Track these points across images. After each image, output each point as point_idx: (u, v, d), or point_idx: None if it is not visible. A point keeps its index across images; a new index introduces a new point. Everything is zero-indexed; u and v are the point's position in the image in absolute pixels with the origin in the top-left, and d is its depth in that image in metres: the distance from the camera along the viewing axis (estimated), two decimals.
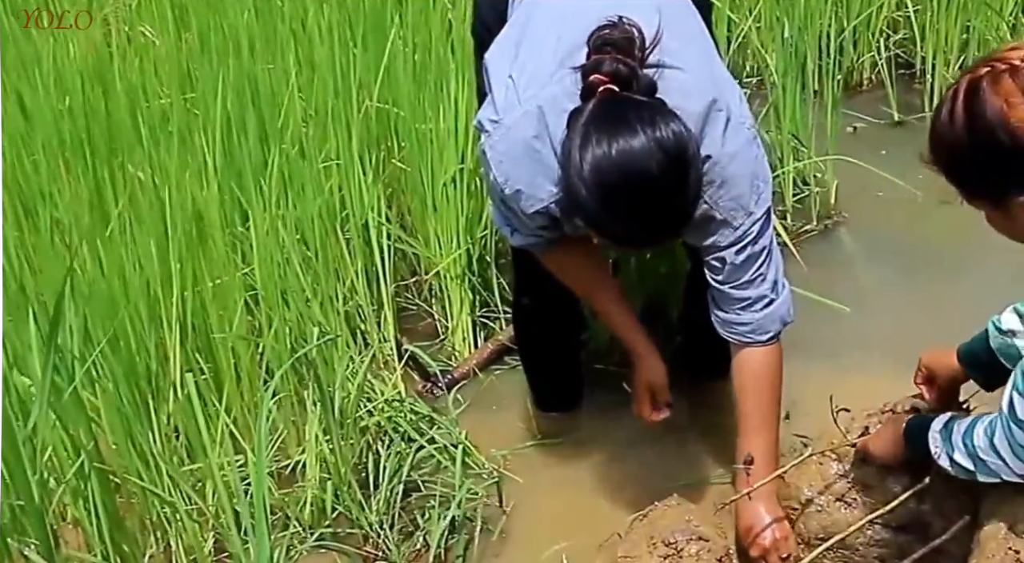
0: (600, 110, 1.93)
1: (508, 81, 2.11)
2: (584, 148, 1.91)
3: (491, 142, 2.12)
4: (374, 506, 2.46)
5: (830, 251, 3.26)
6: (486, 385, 2.85)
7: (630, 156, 1.89)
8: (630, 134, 1.89)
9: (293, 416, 2.57)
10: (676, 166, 1.91)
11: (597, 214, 1.94)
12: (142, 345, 2.43)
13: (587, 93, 1.97)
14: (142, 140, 2.88)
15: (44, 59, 3.28)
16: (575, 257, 2.35)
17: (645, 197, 1.92)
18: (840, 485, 2.24)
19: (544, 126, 2.05)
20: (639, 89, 1.96)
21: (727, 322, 2.28)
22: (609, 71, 1.95)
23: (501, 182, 2.12)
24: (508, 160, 2.10)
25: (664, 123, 1.91)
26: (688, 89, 2.04)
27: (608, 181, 1.90)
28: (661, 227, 1.99)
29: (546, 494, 2.55)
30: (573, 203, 1.97)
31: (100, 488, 2.16)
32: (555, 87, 2.05)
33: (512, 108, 2.09)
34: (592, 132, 1.91)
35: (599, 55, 1.97)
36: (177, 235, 2.53)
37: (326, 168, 2.89)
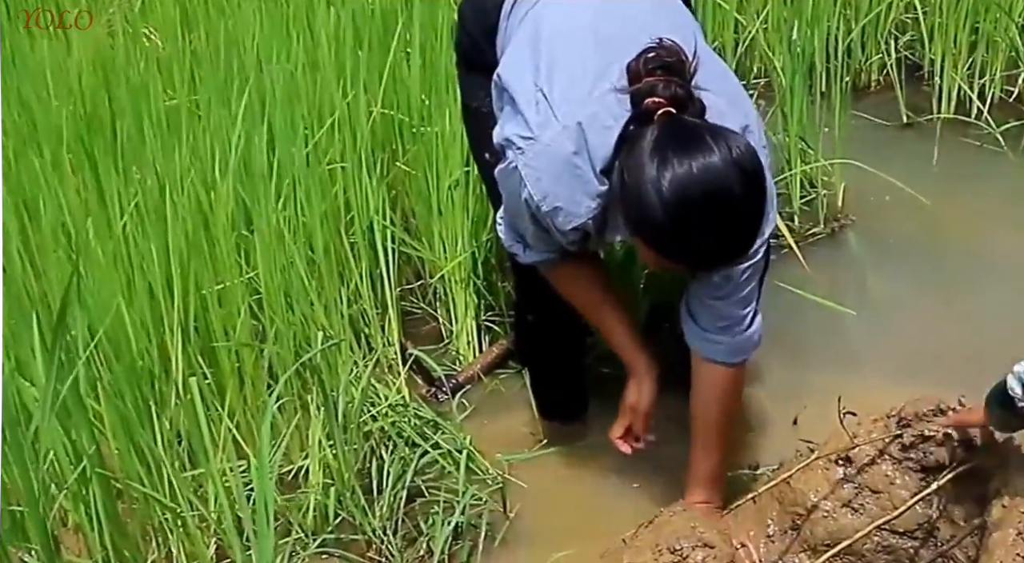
0: (669, 132, 1.94)
1: (538, 96, 2.09)
2: (663, 167, 1.90)
3: (526, 159, 2.10)
4: (377, 512, 2.45)
5: (837, 254, 3.25)
6: (490, 389, 2.84)
7: (714, 174, 1.89)
8: (709, 153, 1.90)
9: (296, 421, 2.56)
10: (755, 184, 1.94)
11: (671, 233, 1.94)
12: (144, 349, 2.42)
13: (644, 117, 1.97)
14: (147, 142, 2.87)
15: (49, 61, 3.27)
16: (582, 273, 2.36)
17: (724, 214, 1.92)
18: (846, 490, 2.23)
19: (584, 143, 2.04)
20: (694, 112, 1.98)
21: (707, 340, 2.29)
22: (668, 95, 1.96)
23: (538, 199, 2.10)
24: (548, 177, 2.08)
25: (736, 143, 1.93)
26: (723, 112, 2.04)
27: (691, 200, 1.89)
28: (735, 246, 1.99)
29: (551, 500, 2.54)
30: (642, 224, 1.96)
31: (102, 493, 2.15)
32: (595, 105, 2.04)
33: (549, 124, 2.07)
34: (669, 152, 1.91)
35: (651, 78, 1.98)
36: (181, 238, 2.52)
37: (331, 171, 2.87)
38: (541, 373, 2.74)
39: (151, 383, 2.42)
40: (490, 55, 2.36)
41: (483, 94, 2.41)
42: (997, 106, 3.81)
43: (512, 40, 2.27)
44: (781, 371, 2.79)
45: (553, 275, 2.36)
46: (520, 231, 2.27)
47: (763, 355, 2.64)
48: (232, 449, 2.42)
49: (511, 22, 2.31)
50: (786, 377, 2.79)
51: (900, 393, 2.26)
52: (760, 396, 2.73)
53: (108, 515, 2.17)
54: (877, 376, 2.71)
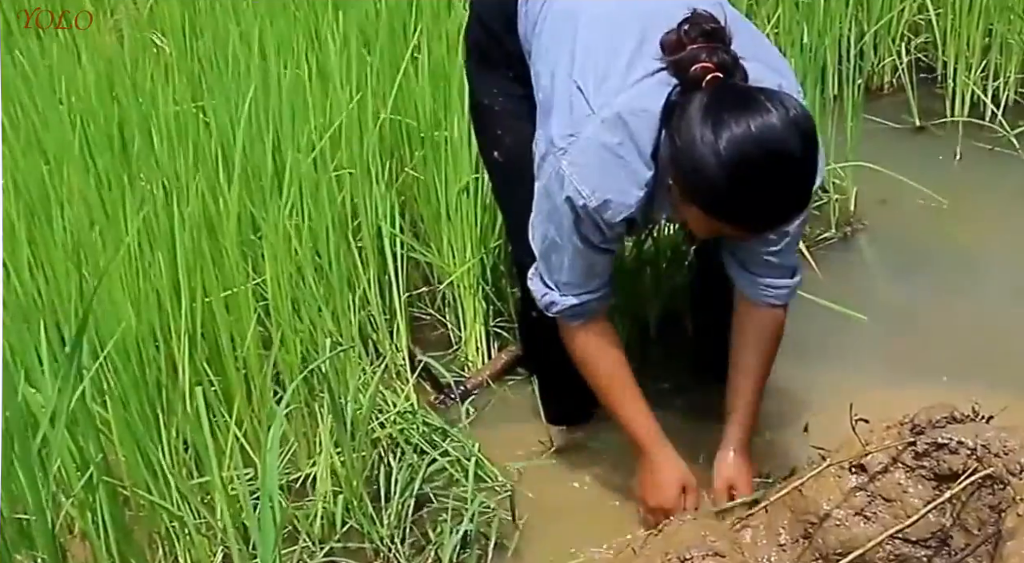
0: (721, 95, 1.94)
1: (574, 90, 2.10)
2: (719, 127, 1.90)
3: (570, 157, 2.10)
4: (385, 520, 2.43)
5: (849, 259, 3.23)
6: (499, 396, 2.83)
7: (772, 131, 1.89)
8: (766, 112, 1.90)
9: (304, 428, 2.54)
10: (810, 142, 1.95)
11: (730, 195, 1.93)
12: (152, 357, 2.41)
13: (691, 83, 1.97)
14: (154, 148, 2.86)
15: (56, 66, 3.27)
16: (612, 340, 2.35)
17: (783, 172, 1.93)
18: (859, 498, 2.21)
19: (627, 132, 2.05)
20: (741, 77, 1.99)
21: (763, 286, 2.32)
22: (715, 61, 1.96)
23: (587, 195, 2.09)
24: (594, 171, 2.09)
25: (791, 103, 1.94)
26: (756, 78, 2.03)
27: (751, 159, 1.89)
28: (794, 204, 2.00)
29: (560, 508, 2.52)
30: (699, 188, 1.95)
31: (108, 501, 2.14)
32: (633, 92, 2.05)
33: (587, 119, 2.08)
34: (724, 114, 1.91)
35: (695, 46, 1.98)
36: (188, 245, 2.51)
37: (339, 177, 2.86)
38: (546, 372, 2.72)
39: (158, 391, 2.41)
40: (509, 45, 2.36)
41: (495, 91, 2.42)
42: (1011, 109, 3.80)
43: (541, 28, 2.25)
44: (792, 377, 2.77)
45: (582, 337, 2.33)
46: (555, 261, 2.24)
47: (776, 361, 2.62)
48: (239, 457, 2.41)
49: (530, 5, 2.29)
50: (797, 383, 2.77)
51: (913, 400, 2.24)
52: (771, 402, 2.69)
53: (115, 523, 2.16)
54: (890, 382, 2.69)
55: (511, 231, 2.53)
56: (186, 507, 2.29)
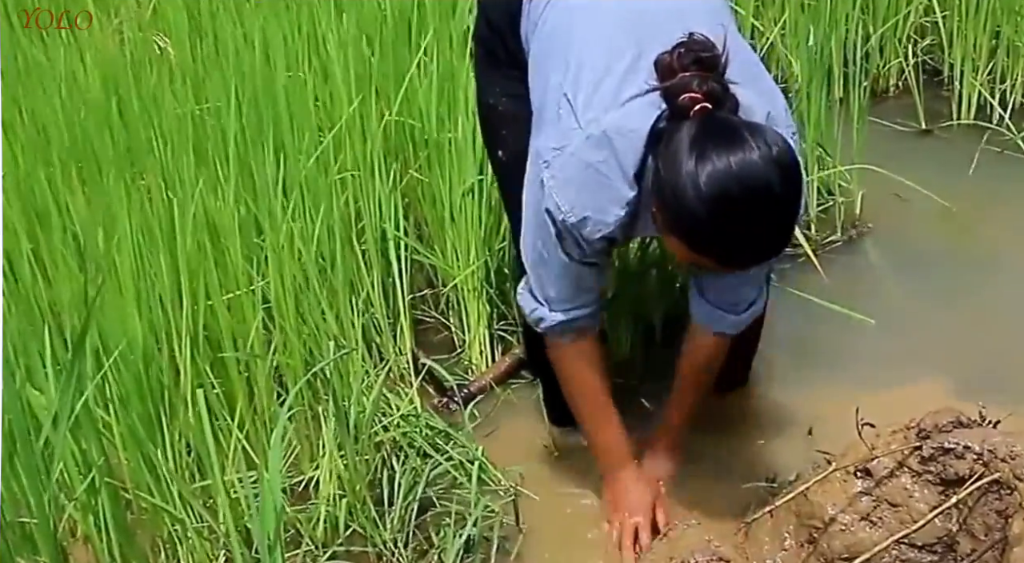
0: (707, 127, 1.93)
1: (563, 102, 2.09)
2: (701, 163, 1.89)
3: (552, 171, 2.10)
4: (388, 524, 2.42)
5: (854, 262, 3.21)
6: (503, 399, 2.81)
7: (753, 170, 1.89)
8: (748, 149, 1.89)
9: (307, 431, 2.54)
10: (792, 181, 1.94)
11: (707, 230, 1.93)
12: (154, 359, 2.41)
13: (679, 112, 1.96)
14: (156, 151, 2.86)
15: (59, 68, 3.26)
16: (597, 359, 2.36)
17: (762, 211, 1.92)
18: (864, 503, 2.20)
19: (611, 151, 2.03)
20: (729, 108, 1.97)
21: (715, 316, 2.33)
22: (705, 90, 1.95)
23: (565, 210, 2.09)
24: (574, 187, 2.08)
25: (775, 140, 1.93)
26: (750, 103, 2.03)
27: (729, 196, 1.89)
28: (771, 244, 1.99)
29: (564, 513, 2.51)
30: (678, 219, 1.96)
31: (111, 504, 2.14)
32: (622, 111, 2.04)
33: (573, 133, 2.07)
34: (706, 147, 1.90)
35: (686, 73, 1.96)
36: (191, 247, 2.50)
37: (342, 179, 2.85)
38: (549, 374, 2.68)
39: (161, 393, 2.40)
40: (512, 44, 2.35)
41: (500, 91, 2.41)
42: (1018, 111, 3.78)
43: (540, 31, 2.24)
44: (797, 380, 2.76)
45: (568, 355, 2.35)
46: (543, 275, 2.24)
47: (779, 364, 2.62)
48: (242, 460, 2.40)
49: (533, 6, 2.28)
50: (802, 387, 2.75)
51: (920, 404, 2.23)
52: (776, 406, 2.70)
53: (117, 526, 2.16)
54: (896, 386, 2.67)
55: (515, 232, 2.52)
56: (188, 510, 2.28)
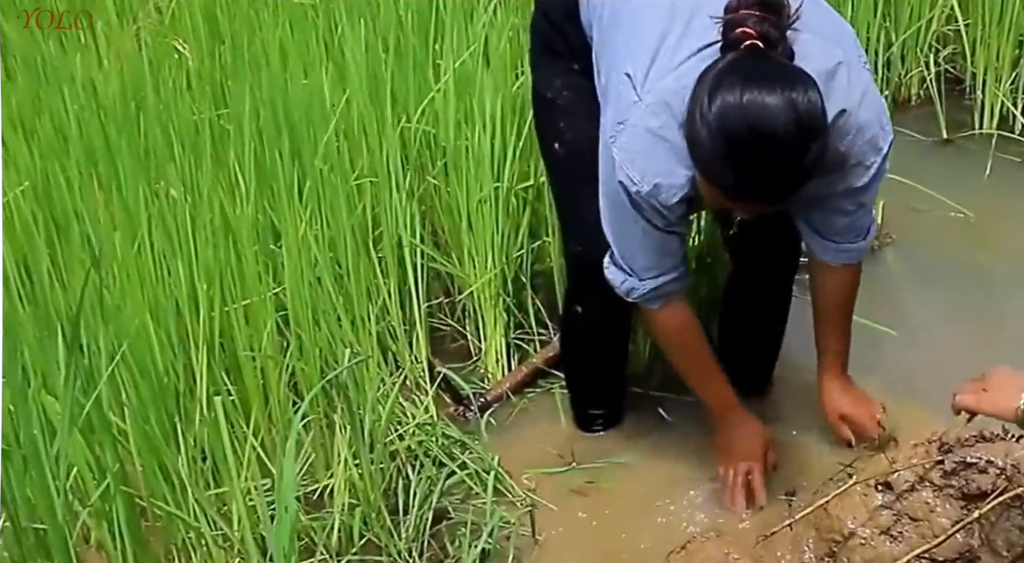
0: (742, 61, 1.96)
1: (624, 80, 2.12)
2: (715, 92, 1.93)
3: (620, 144, 2.13)
4: (403, 533, 2.41)
5: (876, 273, 3.17)
6: (519, 408, 2.79)
7: (760, 109, 1.91)
8: (767, 89, 1.91)
9: (322, 439, 2.52)
10: (803, 132, 1.93)
11: (713, 159, 1.96)
12: (170, 365, 2.40)
13: (729, 44, 1.98)
14: (174, 156, 2.85)
15: (78, 74, 3.26)
16: (685, 315, 2.39)
17: (764, 152, 1.93)
18: (885, 517, 2.18)
19: (669, 114, 2.06)
20: (781, 53, 1.98)
21: (840, 250, 2.35)
22: (759, 30, 1.97)
23: (637, 180, 2.12)
24: (641, 156, 2.11)
25: (803, 89, 1.93)
26: (808, 53, 2.03)
27: (732, 128, 1.92)
28: (771, 186, 2.00)
29: (580, 524, 2.49)
30: (692, 145, 1.99)
31: (125, 511, 2.13)
32: (677, 74, 2.07)
33: (634, 107, 2.10)
34: (727, 79, 1.93)
35: (747, 10, 1.98)
36: (207, 253, 2.50)
37: (360, 186, 2.84)
38: (580, 372, 2.70)
39: (176, 400, 2.40)
40: (573, 37, 2.37)
41: (559, 84, 2.44)
42: None
43: (601, 13, 2.27)
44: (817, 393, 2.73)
45: (663, 318, 2.37)
46: (627, 248, 2.26)
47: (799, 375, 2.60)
48: (256, 468, 2.39)
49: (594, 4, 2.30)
50: None
51: (942, 417, 2.20)
52: (796, 418, 2.67)
53: (131, 533, 2.15)
54: (918, 399, 2.64)
55: (564, 223, 2.56)
56: (203, 518, 2.27)
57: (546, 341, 2.92)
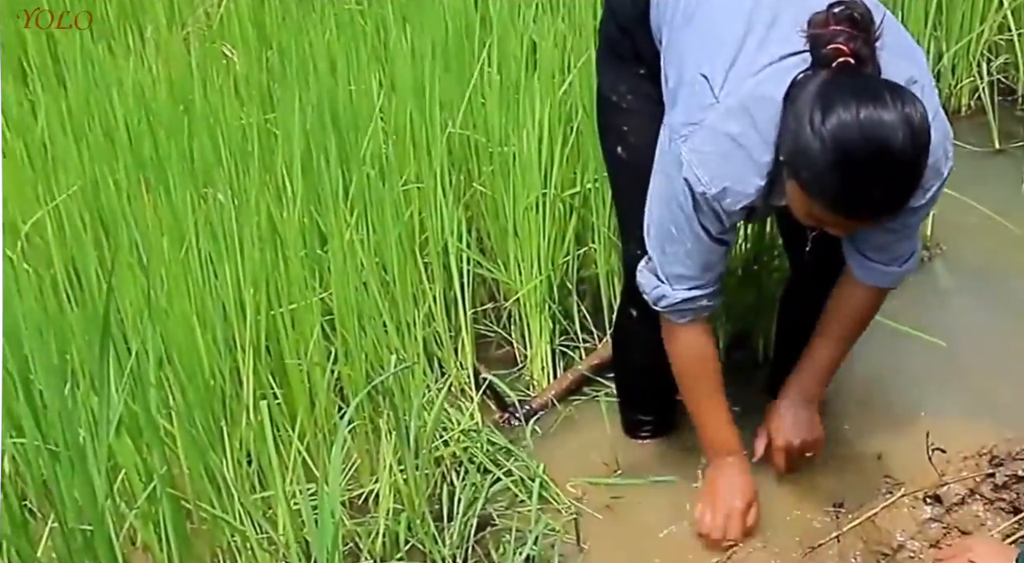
0: (844, 78, 1.95)
1: (700, 79, 2.10)
2: (829, 108, 1.91)
3: (691, 144, 2.11)
4: (447, 539, 2.40)
5: (926, 284, 3.14)
6: (564, 416, 2.77)
7: (879, 125, 1.89)
8: (881, 105, 1.90)
9: (367, 444, 2.52)
10: (917, 146, 1.93)
11: (825, 176, 1.94)
12: (216, 369, 2.40)
13: (821, 61, 1.97)
14: (222, 160, 2.86)
15: (127, 79, 3.29)
16: (706, 340, 2.35)
17: (880, 167, 1.92)
18: (934, 530, 2.17)
19: (750, 121, 2.05)
20: (871, 69, 1.98)
21: (874, 269, 2.31)
22: (852, 47, 1.96)
23: (705, 182, 2.10)
24: (715, 158, 2.10)
25: (912, 103, 1.93)
26: (888, 67, 2.02)
27: (849, 144, 1.90)
28: (883, 202, 1.98)
29: (625, 532, 2.47)
30: (799, 165, 1.97)
31: (171, 514, 2.13)
32: (757, 80, 2.05)
33: (710, 108, 2.09)
34: (838, 95, 1.92)
35: (837, 27, 1.97)
36: (254, 257, 2.50)
37: (406, 191, 2.84)
38: (632, 375, 2.68)
39: (222, 403, 2.40)
40: (642, 42, 2.36)
41: (625, 88, 2.43)
42: None
43: (673, 14, 2.25)
44: (866, 403, 2.71)
45: (683, 336, 2.34)
46: (669, 252, 2.24)
47: (848, 386, 2.57)
48: (302, 472, 2.39)
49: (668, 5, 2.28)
50: (872, 410, 2.70)
51: (992, 430, 2.18)
52: (844, 430, 2.65)
53: (177, 536, 2.15)
54: (968, 411, 2.61)
55: (623, 227, 2.53)
56: (248, 521, 2.27)
57: (592, 348, 2.91)
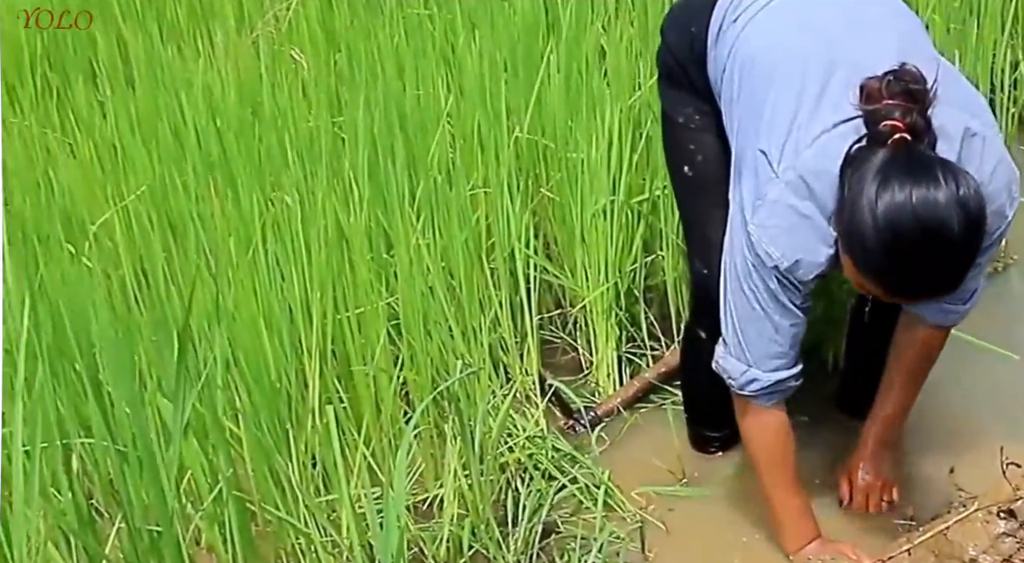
0: (899, 156, 1.92)
1: (760, 155, 2.09)
2: (883, 189, 1.89)
3: (757, 221, 2.10)
4: (511, 546, 2.39)
5: (999, 295, 3.08)
6: (630, 424, 2.76)
7: (933, 208, 1.87)
8: (935, 186, 1.88)
9: (432, 449, 2.52)
10: (972, 228, 1.91)
11: (877, 256, 1.93)
12: (283, 372, 2.41)
13: (877, 137, 1.95)
14: (289, 164, 2.87)
15: (196, 81, 3.31)
16: (785, 421, 2.33)
17: (934, 250, 1.90)
18: (1008, 545, 2.13)
19: (808, 192, 2.03)
20: (928, 144, 1.95)
21: (939, 309, 2.28)
22: (907, 122, 1.93)
23: (777, 256, 2.09)
24: (782, 233, 2.08)
25: (967, 183, 1.90)
26: (941, 124, 1.99)
27: (902, 226, 1.88)
28: (936, 283, 1.97)
29: (691, 542, 2.46)
30: (851, 241, 1.96)
31: (237, 515, 2.14)
32: (814, 152, 2.04)
33: (770, 183, 2.07)
34: (893, 175, 1.90)
35: (891, 101, 1.95)
36: (320, 260, 2.51)
37: (473, 196, 2.84)
38: (701, 393, 2.65)
39: (288, 406, 2.41)
40: (698, 80, 2.36)
41: (690, 110, 2.42)
42: None
43: (727, 82, 2.25)
44: (939, 416, 2.67)
45: (765, 419, 2.31)
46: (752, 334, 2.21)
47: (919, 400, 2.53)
48: (366, 476, 2.39)
49: (719, 51, 2.28)
50: (944, 423, 2.67)
51: None
52: (916, 442, 2.61)
53: (242, 537, 2.16)
54: None
55: (691, 246, 2.53)
56: (313, 524, 2.27)
57: (658, 356, 2.89)
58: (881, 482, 2.47)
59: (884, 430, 2.46)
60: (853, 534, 2.39)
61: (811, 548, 2.35)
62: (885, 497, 2.48)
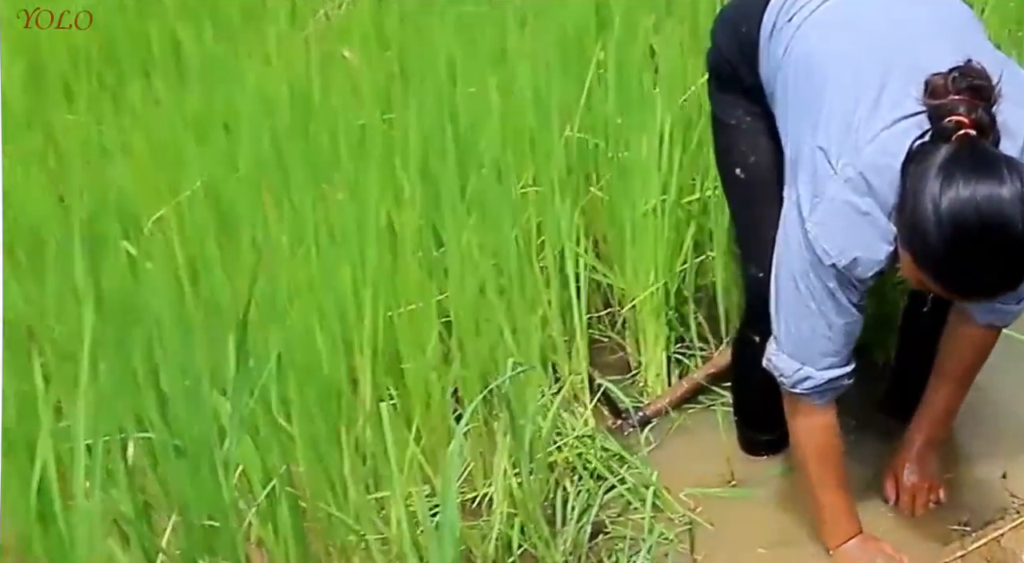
0: (964, 152, 1.90)
1: (818, 153, 2.08)
2: (947, 186, 1.87)
3: (816, 218, 2.08)
4: (560, 545, 2.39)
5: None
6: (679, 425, 2.76)
7: (997, 204, 1.85)
8: (999, 183, 1.86)
9: (481, 448, 2.53)
10: None
11: (939, 253, 1.91)
12: (334, 369, 2.42)
13: (941, 133, 1.93)
14: (340, 161, 2.89)
15: (248, 77, 3.33)
16: (834, 422, 2.31)
17: (998, 247, 1.88)
18: None
19: (868, 189, 2.01)
20: (992, 140, 1.94)
21: (991, 309, 2.26)
22: (972, 118, 1.92)
23: (835, 254, 2.07)
24: (840, 231, 2.07)
25: None
26: (1007, 123, 1.97)
27: (966, 223, 1.86)
28: (997, 281, 1.94)
29: (739, 544, 2.45)
30: (913, 237, 1.94)
31: (290, 512, 2.16)
32: (872, 148, 2.01)
33: (829, 180, 2.05)
34: (957, 171, 1.88)
35: (957, 97, 1.93)
36: (372, 258, 2.52)
37: (524, 195, 2.84)
38: (752, 397, 2.64)
39: (339, 403, 2.42)
40: (748, 81, 2.36)
41: (741, 112, 2.42)
42: None
43: (781, 80, 2.24)
44: (991, 420, 2.65)
45: (816, 418, 2.30)
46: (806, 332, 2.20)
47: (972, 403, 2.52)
48: (417, 473, 2.40)
49: (772, 50, 2.28)
50: (996, 427, 2.65)
51: None
52: (967, 447, 2.60)
53: (295, 534, 2.18)
54: None
55: (745, 249, 2.53)
56: (364, 521, 2.28)
57: (708, 356, 2.89)
58: (928, 483, 2.46)
59: (931, 430, 2.46)
60: (905, 538, 2.38)
61: (852, 544, 2.34)
62: (932, 498, 2.47)
